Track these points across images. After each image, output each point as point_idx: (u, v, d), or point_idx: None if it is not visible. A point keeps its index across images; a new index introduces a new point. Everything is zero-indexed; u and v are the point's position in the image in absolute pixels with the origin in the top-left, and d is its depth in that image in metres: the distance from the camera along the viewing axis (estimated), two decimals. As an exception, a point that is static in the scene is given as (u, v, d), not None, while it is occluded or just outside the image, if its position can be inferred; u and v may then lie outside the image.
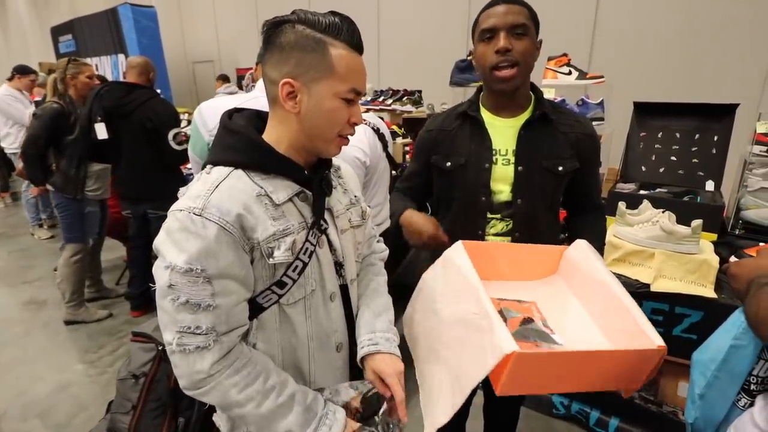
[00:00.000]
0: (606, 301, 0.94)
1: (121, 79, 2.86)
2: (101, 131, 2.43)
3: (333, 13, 0.74)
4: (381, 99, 3.19)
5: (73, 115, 2.58)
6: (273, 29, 0.74)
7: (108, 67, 6.35)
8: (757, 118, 1.90)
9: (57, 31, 7.24)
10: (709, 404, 0.89)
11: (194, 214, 0.68)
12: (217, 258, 0.69)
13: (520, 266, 1.09)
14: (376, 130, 1.83)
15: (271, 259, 0.74)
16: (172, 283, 0.68)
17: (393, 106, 3.08)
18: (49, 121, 2.52)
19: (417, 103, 3.05)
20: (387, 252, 1.10)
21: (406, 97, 3.08)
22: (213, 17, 6.56)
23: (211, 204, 0.69)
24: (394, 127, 2.84)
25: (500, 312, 0.92)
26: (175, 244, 0.69)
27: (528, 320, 0.92)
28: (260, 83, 1.64)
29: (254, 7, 5.88)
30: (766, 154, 1.68)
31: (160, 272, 0.70)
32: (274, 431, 0.74)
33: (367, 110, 1.94)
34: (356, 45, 0.75)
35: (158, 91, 2.76)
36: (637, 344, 0.83)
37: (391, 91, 3.21)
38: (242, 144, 0.76)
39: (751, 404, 0.82)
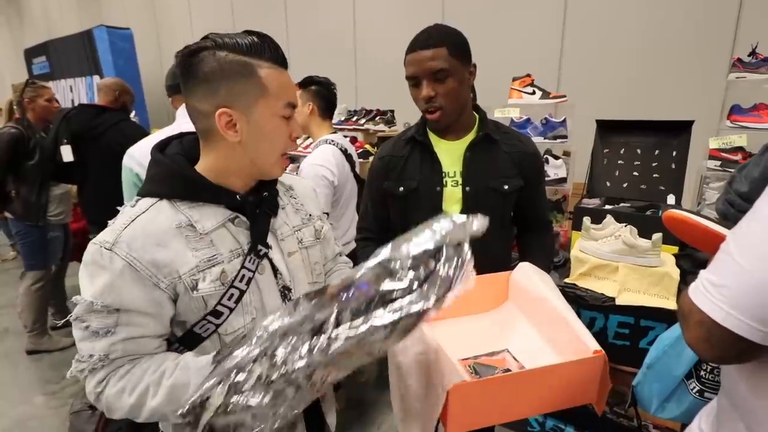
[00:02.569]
0: (549, 317, 0.96)
1: (96, 101, 2.82)
2: (67, 154, 2.37)
3: (248, 32, 0.73)
4: (354, 119, 3.22)
5: (32, 140, 2.51)
6: (190, 59, 0.71)
7: (83, 88, 6.27)
8: (716, 134, 1.99)
9: (31, 53, 7.14)
10: (654, 375, 0.92)
11: (104, 248, 0.68)
12: (121, 293, 0.68)
13: (470, 299, 1.08)
14: (344, 151, 1.84)
15: (195, 292, 0.72)
16: (78, 315, 0.69)
17: (366, 126, 3.11)
18: (7, 147, 2.44)
19: (389, 122, 3.08)
20: (351, 264, 1.09)
21: (378, 117, 3.11)
22: (191, 37, 6.59)
23: (122, 240, 0.69)
24: (368, 146, 2.86)
25: (473, 370, 0.92)
26: (85, 277, 0.70)
27: (506, 372, 0.92)
28: (181, 110, 1.65)
29: (232, 28, 5.94)
30: (720, 168, 1.74)
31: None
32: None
33: (335, 131, 1.96)
34: (281, 60, 0.75)
35: (133, 113, 2.72)
36: (576, 354, 0.85)
37: (364, 111, 3.25)
38: (164, 174, 0.75)
39: (700, 392, 0.84)
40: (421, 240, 0.62)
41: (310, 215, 0.91)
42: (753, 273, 0.52)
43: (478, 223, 0.64)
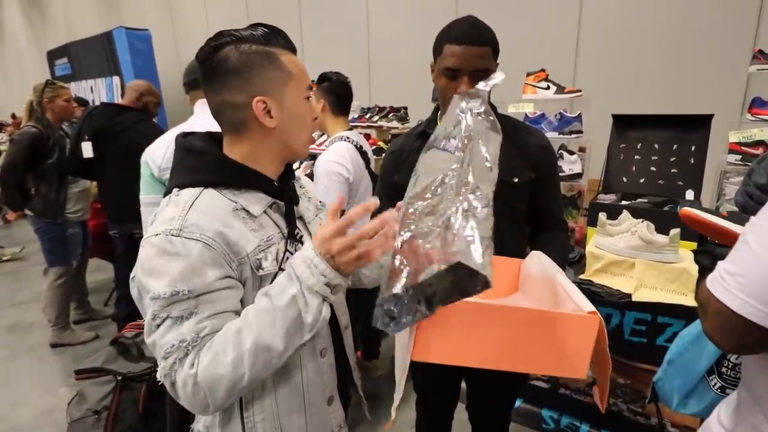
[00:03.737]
0: (557, 297, 0.89)
1: (116, 100, 2.90)
2: (87, 150, 2.45)
3: (256, 25, 0.77)
4: (368, 116, 3.24)
5: (51, 139, 2.58)
6: (215, 55, 0.74)
7: (103, 89, 6.42)
8: (736, 127, 1.94)
9: (53, 55, 7.34)
10: (674, 371, 0.91)
11: (172, 235, 0.66)
12: (203, 274, 0.67)
13: None
14: (359, 148, 1.85)
15: (260, 271, 0.73)
16: (156, 314, 0.66)
17: (379, 123, 3.12)
18: (27, 146, 2.52)
19: (403, 119, 3.09)
20: None
21: (391, 114, 3.12)
22: (207, 38, 6.68)
23: (189, 222, 0.68)
24: (381, 143, 2.87)
25: None
26: (153, 273, 0.66)
27: None
28: (198, 106, 1.69)
29: (247, 29, 6.00)
30: (740, 162, 1.70)
31: (146, 306, 0.68)
32: (286, 315, 0.68)
33: (351, 128, 1.96)
34: (292, 47, 0.80)
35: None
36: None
37: (377, 108, 3.25)
38: (208, 163, 0.76)
39: (722, 388, 0.83)
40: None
41: (320, 202, 0.97)
42: None
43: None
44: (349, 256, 0.67)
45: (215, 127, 0.81)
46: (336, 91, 1.84)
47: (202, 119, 1.62)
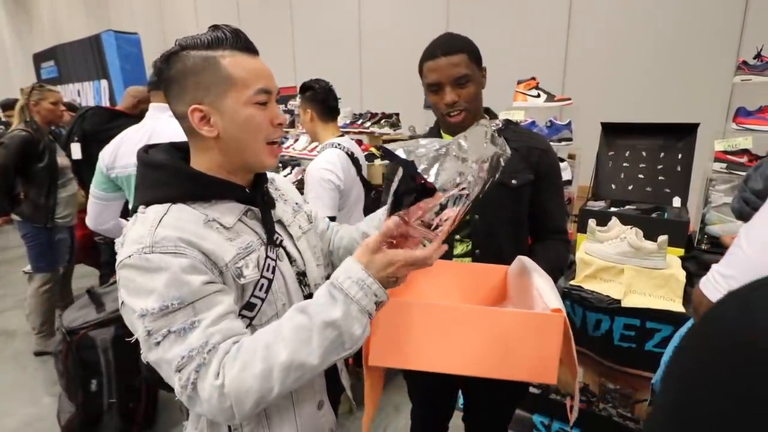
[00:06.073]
0: (527, 295, 0.86)
1: (103, 104, 2.87)
2: (76, 151, 2.43)
3: (214, 27, 0.73)
4: (360, 122, 3.24)
5: (41, 142, 2.54)
6: (163, 66, 0.72)
7: (90, 92, 6.34)
8: (722, 136, 1.99)
9: (39, 58, 7.23)
10: None
11: (145, 253, 0.64)
12: (189, 283, 0.64)
13: (460, 290, 1.05)
14: (350, 154, 1.84)
15: (242, 279, 0.71)
16: (150, 330, 0.63)
17: (371, 129, 3.12)
18: (17, 150, 2.48)
19: (395, 125, 3.10)
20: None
21: (383, 120, 3.13)
22: (197, 43, 6.65)
23: (160, 237, 0.65)
24: (373, 149, 2.87)
25: None
26: (139, 292, 0.64)
27: None
28: (152, 107, 1.79)
29: (238, 34, 5.99)
30: (725, 170, 1.74)
31: (136, 326, 0.65)
32: (321, 336, 0.66)
33: (343, 134, 1.97)
34: (245, 47, 0.74)
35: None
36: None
37: (369, 114, 3.26)
38: (171, 176, 0.73)
39: None
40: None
41: (297, 203, 0.94)
42: (757, 261, 0.53)
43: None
44: (403, 272, 0.69)
45: (161, 132, 0.81)
46: (319, 99, 1.85)
47: (150, 120, 1.74)
